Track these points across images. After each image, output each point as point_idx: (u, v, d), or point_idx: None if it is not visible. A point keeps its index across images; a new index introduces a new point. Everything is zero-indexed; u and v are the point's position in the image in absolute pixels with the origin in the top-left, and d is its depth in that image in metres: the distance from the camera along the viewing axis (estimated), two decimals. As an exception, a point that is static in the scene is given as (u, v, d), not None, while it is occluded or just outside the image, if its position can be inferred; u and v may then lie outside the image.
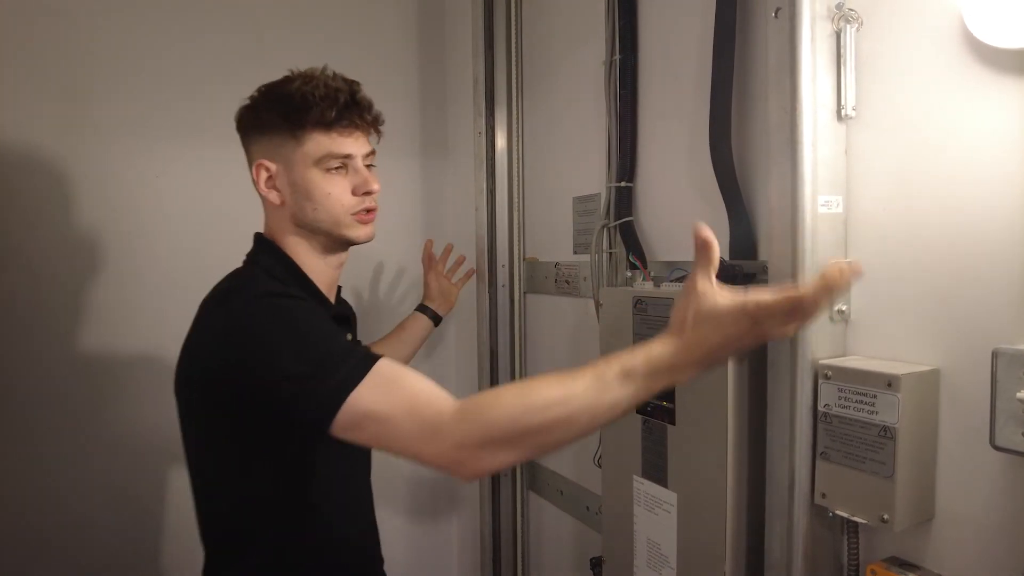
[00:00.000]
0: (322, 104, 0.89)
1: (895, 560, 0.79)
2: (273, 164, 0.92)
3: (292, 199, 0.92)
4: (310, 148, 0.90)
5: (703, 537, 0.93)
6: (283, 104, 0.90)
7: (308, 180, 0.90)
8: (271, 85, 0.93)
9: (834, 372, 0.78)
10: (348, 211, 0.93)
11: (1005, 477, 0.69)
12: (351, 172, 0.93)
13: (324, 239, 0.94)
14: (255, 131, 0.93)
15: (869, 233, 0.81)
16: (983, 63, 0.70)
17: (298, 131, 0.89)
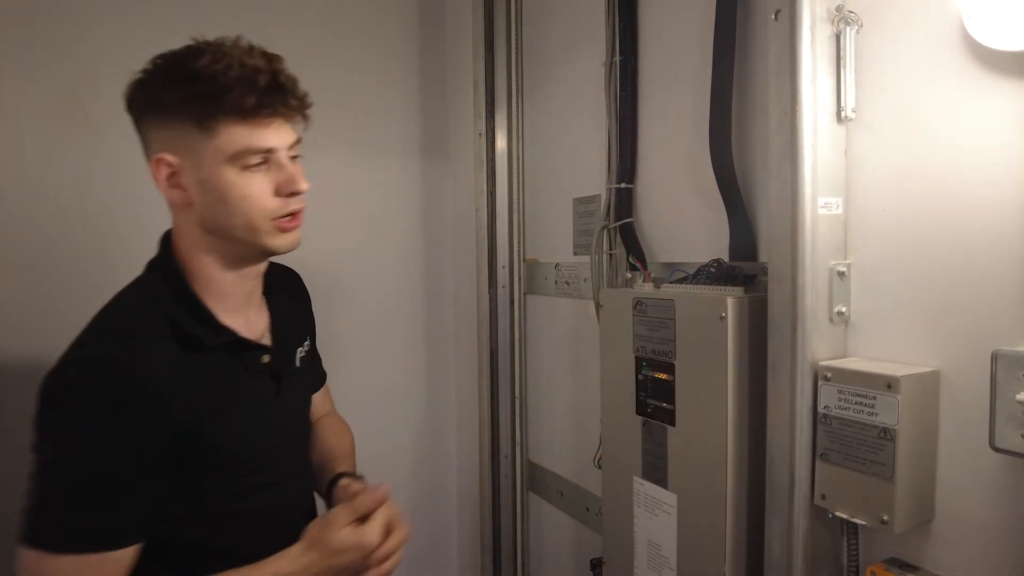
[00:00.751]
0: (238, 88, 0.73)
1: (895, 561, 0.79)
2: (176, 158, 0.75)
3: (201, 201, 0.77)
4: (223, 142, 0.74)
5: (703, 538, 0.93)
6: (188, 85, 0.73)
7: (221, 180, 0.75)
8: (171, 58, 0.76)
9: (834, 374, 0.78)
10: (269, 216, 0.78)
11: (1005, 479, 0.69)
12: (273, 168, 0.78)
13: (238, 248, 0.80)
14: (152, 115, 0.77)
15: (869, 234, 0.81)
16: (982, 65, 0.70)
17: (208, 120, 0.73)
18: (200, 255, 0.80)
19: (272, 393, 0.88)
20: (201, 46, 0.75)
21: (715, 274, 0.96)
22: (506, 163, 1.54)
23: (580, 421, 1.38)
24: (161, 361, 0.74)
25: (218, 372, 0.80)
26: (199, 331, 0.78)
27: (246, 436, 0.83)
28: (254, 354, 0.85)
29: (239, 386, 0.82)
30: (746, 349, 0.88)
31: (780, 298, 0.82)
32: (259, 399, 0.86)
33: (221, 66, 0.73)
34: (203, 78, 0.73)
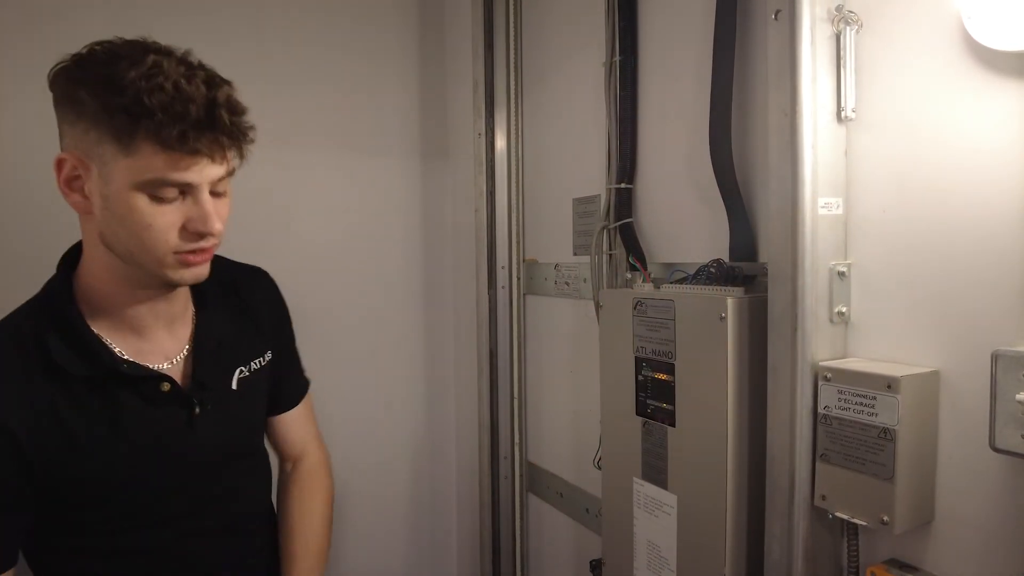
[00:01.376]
0: (162, 115, 0.63)
1: (895, 562, 0.79)
2: (86, 163, 0.67)
3: (101, 215, 0.69)
4: (137, 165, 0.66)
5: (703, 539, 0.93)
6: (110, 95, 0.64)
7: (126, 203, 0.67)
8: (102, 55, 0.67)
9: (834, 374, 0.78)
10: (171, 250, 0.70)
11: (1005, 479, 0.69)
12: (189, 201, 0.70)
13: (136, 272, 0.73)
14: (68, 109, 0.68)
15: (869, 235, 0.81)
16: (982, 65, 0.70)
17: (125, 138, 0.65)
18: (101, 270, 0.74)
19: (181, 423, 0.80)
20: (138, 53, 0.66)
21: (715, 274, 0.96)
22: (506, 163, 1.54)
23: (580, 422, 1.37)
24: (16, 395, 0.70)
25: (96, 399, 0.74)
26: (66, 359, 0.73)
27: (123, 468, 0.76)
28: (148, 383, 0.77)
29: (123, 418, 0.76)
30: (746, 349, 0.88)
31: (780, 298, 0.82)
32: (150, 429, 0.78)
33: (151, 84, 0.64)
34: (128, 92, 0.63)
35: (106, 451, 0.74)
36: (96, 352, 0.74)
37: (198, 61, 0.70)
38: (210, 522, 0.85)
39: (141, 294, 0.76)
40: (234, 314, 0.89)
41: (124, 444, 0.75)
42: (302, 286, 1.56)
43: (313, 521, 0.98)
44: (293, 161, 1.50)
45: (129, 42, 0.68)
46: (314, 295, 1.56)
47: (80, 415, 0.73)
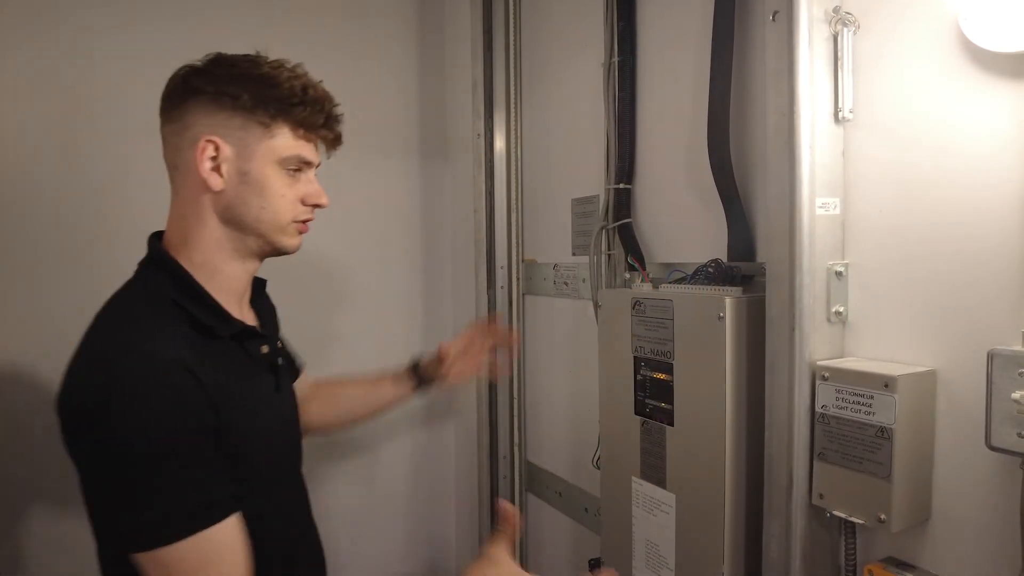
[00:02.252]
0: (312, 107, 0.82)
1: (892, 560, 0.80)
2: (225, 145, 0.80)
3: (237, 190, 0.81)
4: (280, 144, 0.81)
5: (701, 538, 0.93)
6: (264, 88, 0.80)
7: (267, 175, 0.81)
8: (239, 61, 0.82)
9: (832, 373, 0.79)
10: (292, 217, 0.85)
11: (1001, 477, 0.70)
12: (303, 179, 0.86)
13: (253, 242, 0.84)
14: (208, 101, 0.80)
15: (866, 235, 0.82)
16: (978, 66, 0.70)
17: (272, 123, 0.80)
18: (209, 245, 0.83)
19: (272, 387, 0.88)
20: (276, 61, 0.83)
21: (713, 274, 0.96)
22: (505, 164, 1.54)
23: (578, 422, 1.38)
24: (188, 347, 0.75)
25: (231, 361, 0.81)
26: (212, 320, 0.80)
27: (260, 428, 0.83)
28: (255, 343, 0.86)
29: (249, 376, 0.83)
30: (744, 349, 0.88)
31: (778, 298, 0.83)
32: (263, 392, 0.86)
33: (300, 83, 0.82)
34: (283, 86, 0.81)
35: (247, 404, 0.81)
36: (224, 316, 0.82)
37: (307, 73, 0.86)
38: (296, 479, 0.96)
39: (245, 266, 0.87)
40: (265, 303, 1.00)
41: (251, 399, 0.83)
42: (301, 286, 1.57)
43: None
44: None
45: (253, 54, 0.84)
46: (313, 295, 1.56)
47: (218, 371, 0.78)
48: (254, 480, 0.81)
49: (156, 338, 0.73)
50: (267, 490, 0.84)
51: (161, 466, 0.68)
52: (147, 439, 0.68)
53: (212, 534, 0.69)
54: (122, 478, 0.69)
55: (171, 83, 0.84)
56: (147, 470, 0.68)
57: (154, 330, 0.74)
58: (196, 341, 0.77)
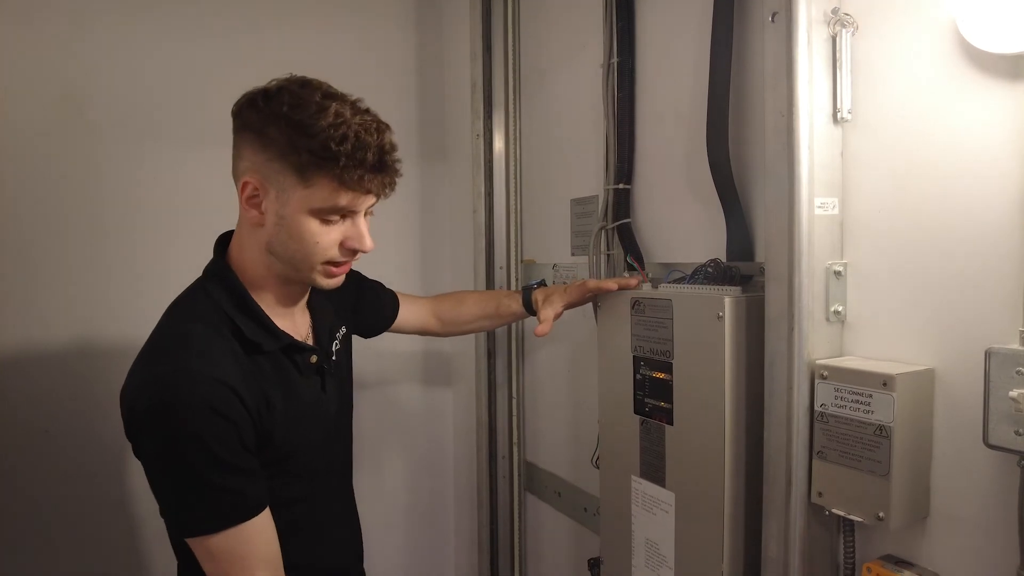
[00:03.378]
0: (346, 161, 0.76)
1: (891, 558, 0.80)
2: (263, 185, 0.79)
3: (275, 229, 0.81)
4: (315, 196, 0.78)
5: (701, 536, 0.94)
6: (299, 136, 0.76)
7: (301, 224, 0.80)
8: (289, 97, 0.77)
9: (830, 372, 0.79)
10: (325, 259, 0.83)
11: (998, 475, 0.70)
12: (347, 223, 0.83)
13: (290, 272, 0.85)
14: (254, 139, 0.79)
15: (864, 235, 0.82)
16: (976, 67, 0.71)
17: (306, 173, 0.77)
18: (259, 265, 0.86)
19: (318, 388, 0.93)
20: (324, 98, 0.77)
21: (712, 274, 0.97)
22: (503, 164, 1.55)
23: (577, 422, 1.38)
24: (232, 360, 0.81)
25: (275, 371, 0.86)
26: (260, 337, 0.85)
27: (302, 431, 0.89)
28: (304, 355, 0.91)
29: (293, 384, 0.89)
30: (743, 348, 0.89)
31: (777, 297, 0.83)
32: (309, 395, 0.91)
33: (338, 133, 0.75)
34: (319, 137, 0.75)
35: (288, 413, 0.86)
36: (273, 331, 0.86)
37: (366, 107, 0.81)
38: (337, 468, 1.03)
39: (293, 287, 0.90)
40: (325, 298, 1.02)
41: (296, 407, 0.88)
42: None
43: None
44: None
45: (307, 85, 0.79)
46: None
47: (266, 383, 0.84)
48: (291, 474, 0.89)
49: (208, 360, 0.79)
50: (303, 480, 0.91)
51: (204, 475, 0.77)
52: (194, 457, 0.77)
53: (243, 528, 0.79)
54: (172, 481, 0.79)
55: (234, 108, 0.82)
56: (191, 479, 0.77)
57: (207, 350, 0.80)
58: (242, 359, 0.83)
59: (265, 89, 0.80)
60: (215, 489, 0.78)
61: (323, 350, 0.95)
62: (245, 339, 0.83)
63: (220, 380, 0.78)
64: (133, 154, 1.37)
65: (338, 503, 1.03)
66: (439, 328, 1.27)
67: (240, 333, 0.83)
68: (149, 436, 0.78)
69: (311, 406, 0.91)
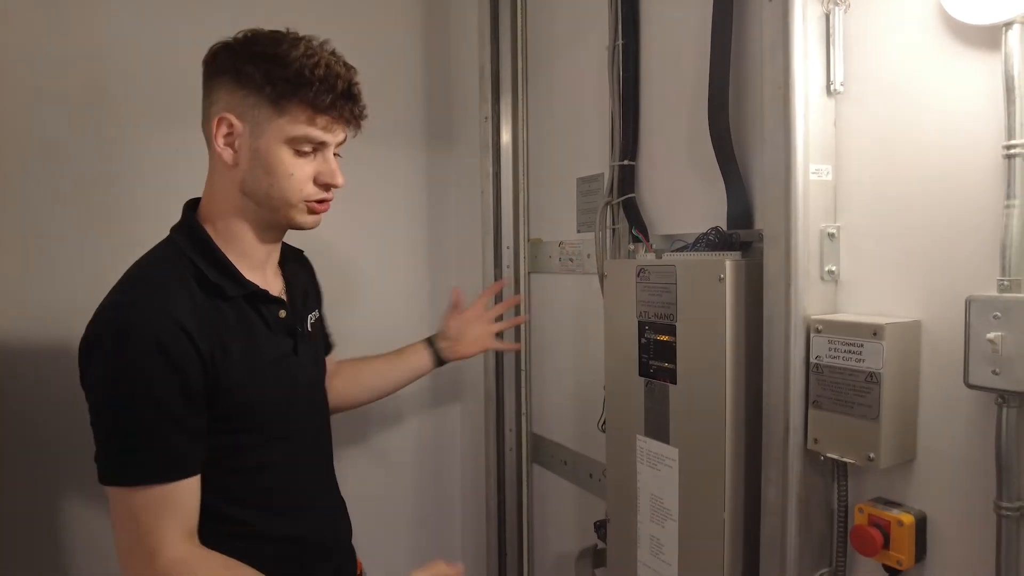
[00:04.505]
0: (319, 86, 0.82)
1: (880, 500, 0.86)
2: (239, 122, 0.83)
3: (248, 165, 0.84)
4: (288, 124, 0.83)
5: (703, 488, 0.99)
6: (274, 67, 0.81)
7: (274, 154, 0.83)
8: (262, 38, 0.84)
9: (825, 326, 0.85)
10: (304, 197, 0.87)
11: (978, 414, 0.76)
12: (319, 158, 0.87)
13: (267, 215, 0.88)
14: (229, 79, 0.83)
15: (856, 198, 0.88)
16: (957, 39, 0.77)
17: (282, 102, 0.82)
18: (231, 215, 0.87)
19: (290, 350, 0.93)
20: (295, 37, 0.84)
21: (714, 241, 1.02)
22: (511, 146, 1.60)
23: (583, 392, 1.44)
24: (188, 302, 0.81)
25: (239, 320, 0.86)
26: (221, 281, 0.85)
27: (262, 385, 0.88)
28: (272, 307, 0.91)
29: (257, 336, 0.88)
30: (743, 308, 0.94)
31: (775, 259, 0.89)
32: (277, 353, 0.91)
33: (311, 61, 0.82)
34: (292, 66, 0.81)
35: (245, 363, 0.85)
36: (237, 277, 0.87)
37: (333, 48, 0.87)
38: (310, 441, 1.00)
39: (264, 235, 0.90)
40: (299, 272, 1.04)
41: (256, 359, 0.87)
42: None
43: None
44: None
45: (277, 31, 0.85)
46: (321, 276, 1.61)
47: (225, 329, 0.83)
48: (254, 433, 0.87)
49: (168, 299, 0.79)
50: (270, 445, 0.90)
51: (140, 416, 0.75)
52: (133, 390, 0.75)
53: (165, 488, 0.76)
54: (106, 418, 0.77)
55: (206, 58, 0.87)
56: (127, 417, 0.75)
57: (163, 288, 0.80)
58: (203, 301, 0.83)
59: (235, 36, 0.86)
60: (149, 437, 0.76)
61: (295, 311, 0.95)
62: (208, 283, 0.84)
63: (171, 317, 0.77)
64: (151, 138, 1.40)
65: (315, 477, 1.00)
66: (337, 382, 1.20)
67: (203, 277, 0.84)
68: (93, 365, 0.77)
69: (274, 363, 0.90)
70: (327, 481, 1.05)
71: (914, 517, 0.81)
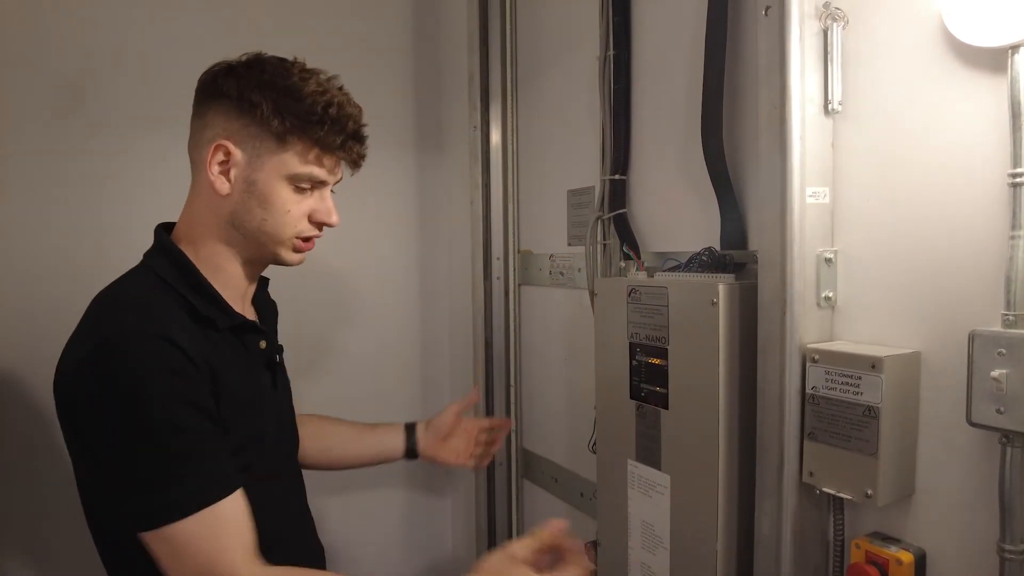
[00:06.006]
0: (331, 126, 0.80)
1: (878, 535, 0.83)
2: (238, 151, 0.79)
3: (242, 197, 0.81)
4: (291, 160, 0.80)
5: (696, 517, 0.97)
6: (285, 100, 0.78)
7: (272, 189, 0.80)
8: (270, 66, 0.80)
9: (821, 355, 0.82)
10: (295, 234, 0.84)
11: (980, 452, 0.73)
12: (315, 196, 0.85)
13: (253, 249, 0.85)
14: (231, 105, 0.79)
15: (854, 223, 0.85)
16: (961, 60, 0.73)
17: (289, 137, 0.79)
18: (215, 243, 0.84)
19: (269, 383, 0.90)
20: (305, 69, 0.81)
21: (707, 262, 0.99)
22: (500, 156, 1.56)
23: (574, 408, 1.41)
24: (183, 332, 0.75)
25: (231, 352, 0.83)
26: (212, 313, 0.81)
27: (254, 420, 0.84)
28: (254, 337, 0.88)
29: (246, 369, 0.85)
30: (737, 333, 0.91)
31: (770, 284, 0.86)
32: (260, 386, 0.88)
33: (324, 99, 0.79)
34: (305, 101, 0.78)
35: (242, 396, 0.81)
36: (226, 308, 0.83)
37: (342, 84, 0.85)
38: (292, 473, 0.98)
39: (248, 268, 0.87)
40: (267, 303, 1.01)
41: (249, 392, 0.83)
42: (298, 278, 1.58)
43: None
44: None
45: (284, 59, 0.82)
46: (310, 287, 1.57)
47: (221, 362, 0.79)
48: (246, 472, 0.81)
49: (161, 323, 0.74)
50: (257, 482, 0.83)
51: (171, 446, 0.70)
52: (159, 420, 0.70)
53: (218, 509, 0.71)
54: (132, 458, 0.70)
55: (203, 78, 0.83)
56: (157, 450, 0.69)
57: (158, 315, 0.75)
58: (194, 331, 0.78)
59: (239, 60, 0.81)
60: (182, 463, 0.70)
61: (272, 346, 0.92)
62: (198, 315, 0.79)
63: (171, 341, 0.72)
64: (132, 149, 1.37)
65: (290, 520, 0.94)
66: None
67: (192, 309, 0.79)
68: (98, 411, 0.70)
69: (262, 396, 0.87)
70: (303, 512, 1.01)
71: (913, 556, 0.78)
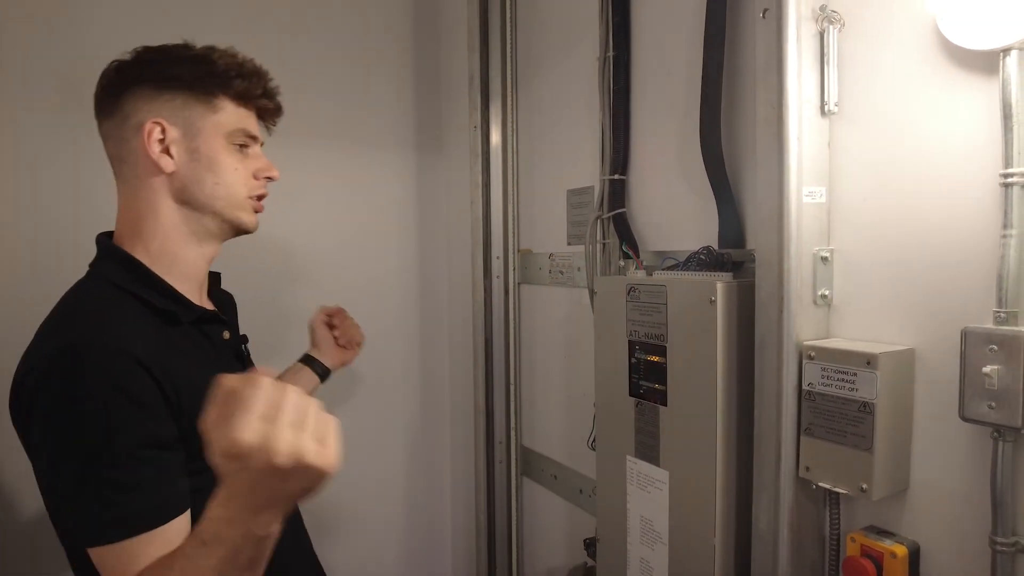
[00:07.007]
0: (247, 78, 0.85)
1: (873, 529, 0.85)
2: (171, 127, 0.80)
3: (189, 169, 0.81)
4: (224, 118, 0.83)
5: (694, 512, 0.98)
6: (201, 66, 0.82)
7: (217, 151, 0.82)
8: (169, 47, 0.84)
9: (817, 352, 0.83)
10: (248, 192, 0.86)
11: (973, 447, 0.75)
12: (252, 155, 0.87)
13: (210, 222, 0.84)
14: (147, 87, 0.80)
15: (850, 222, 0.86)
16: (954, 63, 0.75)
17: (214, 98, 0.82)
18: (167, 230, 0.82)
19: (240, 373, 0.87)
20: (205, 45, 0.85)
21: (705, 261, 1.00)
22: (500, 156, 1.57)
23: (573, 406, 1.42)
24: (139, 338, 0.73)
25: (195, 347, 0.81)
26: (171, 307, 0.79)
27: None
28: (216, 327, 0.86)
29: (212, 362, 0.82)
30: (735, 331, 0.92)
31: (767, 282, 0.87)
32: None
33: (233, 59, 0.85)
34: (217, 63, 0.83)
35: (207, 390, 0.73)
36: (183, 301, 0.82)
37: None
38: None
39: (200, 251, 0.86)
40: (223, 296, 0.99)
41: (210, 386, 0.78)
42: (299, 277, 1.59)
43: None
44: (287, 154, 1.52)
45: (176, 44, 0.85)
46: (310, 285, 1.59)
47: (180, 359, 0.76)
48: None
49: (117, 333, 0.72)
50: None
51: (121, 463, 0.68)
52: (111, 436, 0.68)
53: (165, 530, 0.68)
54: (82, 472, 0.68)
55: (104, 78, 0.83)
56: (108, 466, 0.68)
57: (115, 324, 0.73)
58: (157, 331, 0.76)
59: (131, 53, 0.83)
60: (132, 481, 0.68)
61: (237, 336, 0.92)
62: (156, 311, 0.77)
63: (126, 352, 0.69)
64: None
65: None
66: None
67: (150, 306, 0.77)
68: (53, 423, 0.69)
69: None
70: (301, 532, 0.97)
71: (907, 549, 0.79)
